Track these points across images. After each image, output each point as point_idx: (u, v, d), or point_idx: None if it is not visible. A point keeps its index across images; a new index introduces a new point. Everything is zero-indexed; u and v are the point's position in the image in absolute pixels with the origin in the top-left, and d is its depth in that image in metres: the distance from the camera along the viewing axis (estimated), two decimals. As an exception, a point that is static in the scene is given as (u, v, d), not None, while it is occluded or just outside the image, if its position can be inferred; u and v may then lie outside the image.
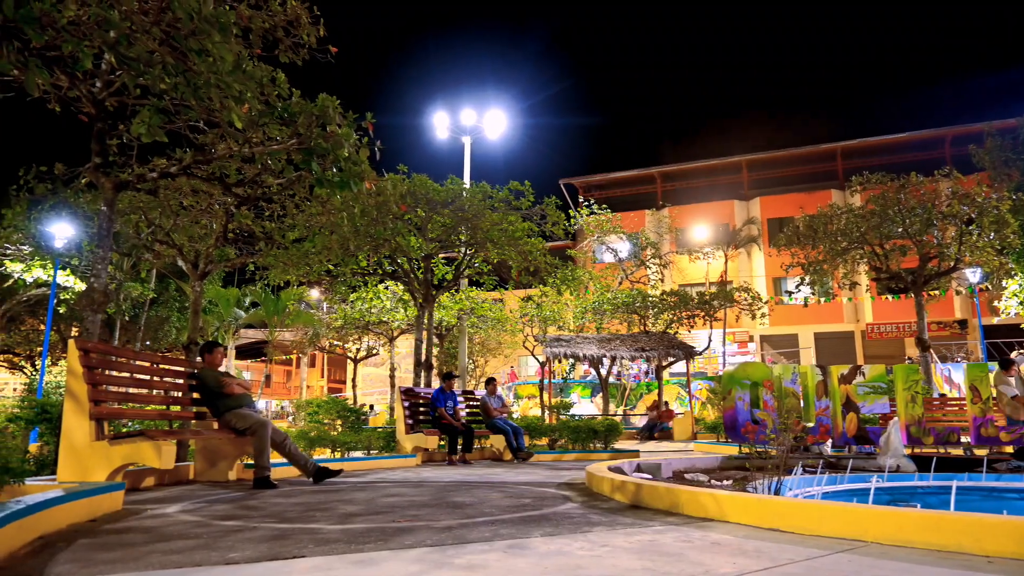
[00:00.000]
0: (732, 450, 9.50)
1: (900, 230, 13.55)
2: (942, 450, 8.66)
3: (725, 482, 5.56)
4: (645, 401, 23.67)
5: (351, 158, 5.43)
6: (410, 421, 9.39)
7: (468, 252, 12.63)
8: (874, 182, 14.18)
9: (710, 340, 22.53)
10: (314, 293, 27.68)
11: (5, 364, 21.20)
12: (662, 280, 28.53)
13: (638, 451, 10.69)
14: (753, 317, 21.86)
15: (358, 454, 9.16)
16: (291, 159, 6.14)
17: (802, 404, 8.81)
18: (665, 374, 22.19)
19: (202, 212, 8.47)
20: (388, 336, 22.98)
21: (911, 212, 13.25)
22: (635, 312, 21.81)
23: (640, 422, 20.57)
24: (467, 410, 10.40)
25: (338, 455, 9.13)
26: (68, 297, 16.68)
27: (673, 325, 21.31)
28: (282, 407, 41.73)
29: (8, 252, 15.10)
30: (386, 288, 19.73)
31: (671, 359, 19.92)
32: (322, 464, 6.36)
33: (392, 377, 23.28)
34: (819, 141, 34.10)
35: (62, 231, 14.11)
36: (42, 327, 18.35)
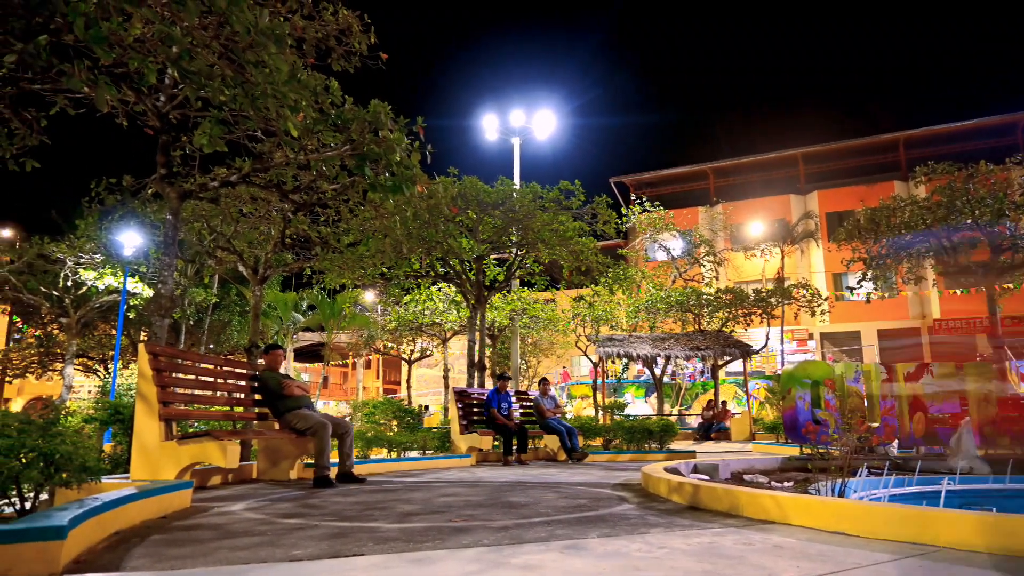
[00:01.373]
0: (792, 451, 9.24)
1: (969, 221, 12.96)
2: (1019, 451, 8.25)
3: (786, 484, 5.42)
4: (701, 401, 23.26)
5: (403, 162, 5.51)
6: (464, 422, 9.47)
7: (519, 253, 12.65)
8: (940, 172, 13.59)
9: (767, 338, 22.00)
10: (369, 296, 28.16)
11: (80, 367, 22.22)
12: (717, 278, 27.95)
13: (694, 451, 10.52)
14: (812, 314, 21.21)
15: (414, 454, 9.28)
16: (345, 165, 6.27)
17: (866, 404, 8.51)
18: (721, 373, 21.77)
19: (261, 219, 8.73)
20: (441, 337, 23.20)
21: (981, 202, 12.65)
22: (689, 311, 21.45)
23: (696, 422, 20.25)
24: (521, 410, 10.42)
25: (394, 455, 9.27)
26: (137, 303, 17.40)
27: (729, 323, 20.89)
28: (339, 408, 42.58)
29: (82, 261, 15.85)
30: (439, 290, 19.92)
31: (727, 358, 19.52)
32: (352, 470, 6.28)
33: (446, 378, 23.49)
34: (880, 131, 32.92)
35: (131, 240, 14.74)
36: (114, 332, 19.21)
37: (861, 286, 15.17)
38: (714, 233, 31.49)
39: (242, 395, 6.31)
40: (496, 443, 9.56)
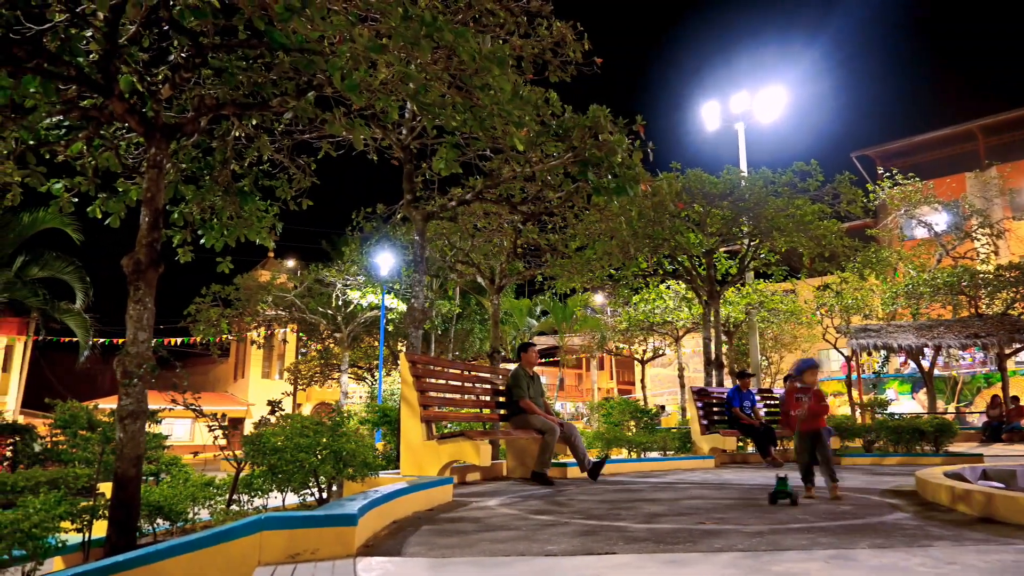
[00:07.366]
0: (1119, 455, 7.60)
1: None
2: None
3: (1114, 495, 4.47)
4: (984, 396, 20.09)
5: (624, 163, 5.50)
6: (704, 422, 9.18)
7: (752, 243, 11.99)
8: None
9: (1072, 320, 18.34)
10: (598, 298, 28.51)
11: (352, 376, 25.37)
12: (995, 253, 23.94)
13: (981, 455, 9.10)
14: None
15: (654, 455, 9.20)
16: (568, 172, 6.44)
17: None
18: (1010, 363, 18.61)
19: (494, 232, 9.30)
20: (673, 336, 22.75)
21: None
22: (962, 293, 18.66)
23: (979, 421, 17.53)
24: (765, 409, 9.86)
25: (634, 455, 9.27)
26: (394, 317, 19.45)
27: (1016, 305, 17.79)
28: (576, 408, 43.62)
29: (348, 282, 18.17)
30: (668, 288, 19.57)
31: (1016, 345, 16.65)
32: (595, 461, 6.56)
33: (680, 377, 22.97)
34: None
35: (385, 261, 16.57)
36: (377, 343, 21.63)
37: None
38: (988, 201, 27.03)
39: (488, 397, 6.74)
40: (740, 443, 9.14)
